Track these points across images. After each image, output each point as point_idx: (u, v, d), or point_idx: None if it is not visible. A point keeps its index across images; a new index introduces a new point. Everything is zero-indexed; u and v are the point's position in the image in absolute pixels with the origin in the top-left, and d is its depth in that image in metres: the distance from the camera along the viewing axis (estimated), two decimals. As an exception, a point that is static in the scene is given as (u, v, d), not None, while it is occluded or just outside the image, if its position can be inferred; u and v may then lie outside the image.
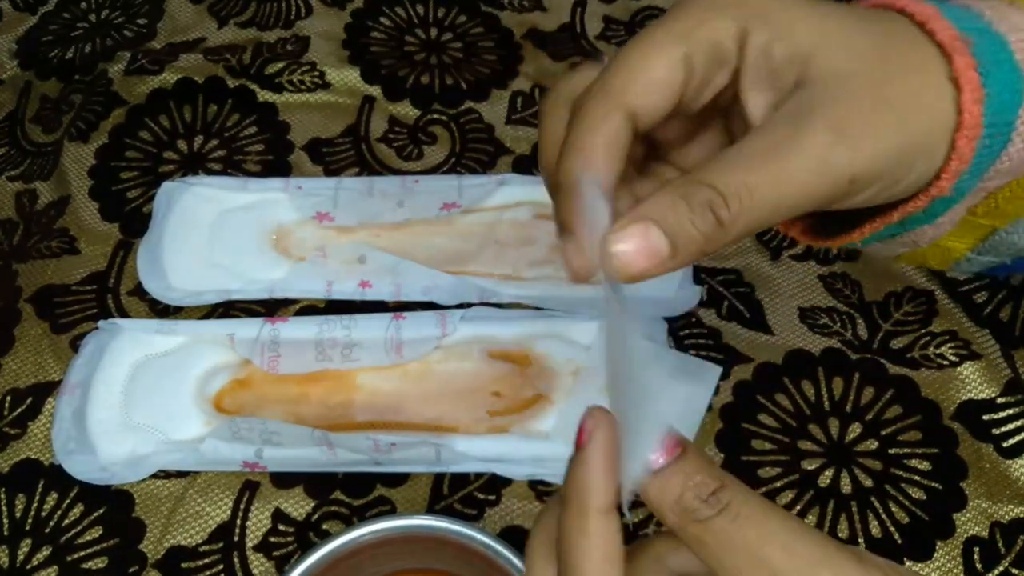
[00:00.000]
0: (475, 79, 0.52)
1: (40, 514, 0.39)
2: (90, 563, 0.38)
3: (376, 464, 0.39)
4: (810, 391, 0.42)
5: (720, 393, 0.41)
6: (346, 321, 0.43)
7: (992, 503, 0.38)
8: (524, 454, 0.39)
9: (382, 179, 0.48)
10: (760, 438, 0.40)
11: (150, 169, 0.49)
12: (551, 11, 0.56)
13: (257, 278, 0.45)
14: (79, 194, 0.49)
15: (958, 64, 0.22)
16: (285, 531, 0.39)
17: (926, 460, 0.40)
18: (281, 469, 0.40)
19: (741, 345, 0.43)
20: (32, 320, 0.44)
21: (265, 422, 0.38)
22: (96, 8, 0.57)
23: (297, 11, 0.55)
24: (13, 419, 0.42)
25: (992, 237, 0.27)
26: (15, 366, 0.43)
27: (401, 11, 0.56)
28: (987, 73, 0.22)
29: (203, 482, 0.40)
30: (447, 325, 0.42)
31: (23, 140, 0.52)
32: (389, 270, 0.44)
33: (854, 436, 0.40)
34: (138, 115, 0.51)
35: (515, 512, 0.39)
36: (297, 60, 0.53)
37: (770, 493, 0.39)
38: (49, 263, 0.46)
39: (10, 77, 0.55)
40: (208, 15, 0.55)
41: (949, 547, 0.37)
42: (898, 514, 0.38)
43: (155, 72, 0.52)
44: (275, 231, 0.46)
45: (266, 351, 0.42)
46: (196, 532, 0.39)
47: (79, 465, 0.39)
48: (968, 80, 0.22)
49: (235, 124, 0.51)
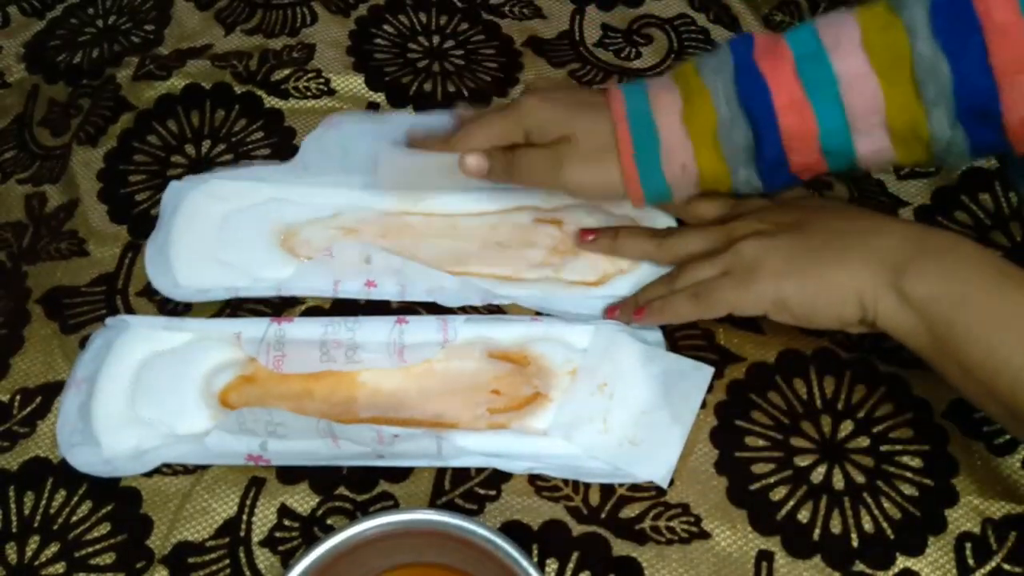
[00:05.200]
0: (476, 86, 0.53)
1: (48, 511, 0.40)
2: (98, 559, 0.39)
3: (379, 457, 0.40)
4: (802, 389, 0.42)
5: (714, 391, 0.42)
6: (351, 323, 0.43)
7: (983, 499, 0.39)
8: (523, 449, 0.40)
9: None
10: (753, 435, 0.41)
11: (158, 173, 0.50)
12: (551, 19, 0.57)
13: (265, 276, 0.45)
14: (88, 197, 0.49)
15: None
16: (290, 526, 0.39)
17: (918, 457, 0.40)
18: (284, 463, 0.40)
19: (734, 345, 0.44)
20: (42, 321, 0.45)
21: (271, 412, 0.38)
22: (104, 14, 0.58)
23: (303, 19, 0.56)
24: (22, 418, 0.42)
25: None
26: (25, 366, 0.44)
27: (404, 19, 0.57)
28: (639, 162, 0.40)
29: (210, 478, 0.40)
30: (448, 331, 0.43)
31: (32, 143, 0.53)
32: (395, 271, 0.45)
33: (846, 433, 0.41)
34: (147, 120, 0.52)
35: (515, 507, 0.40)
36: (303, 67, 0.54)
37: (764, 488, 0.40)
38: (58, 265, 0.47)
39: (17, 80, 0.55)
40: (215, 22, 0.56)
41: (941, 543, 0.38)
42: (890, 510, 0.39)
43: (163, 78, 0.53)
44: (282, 230, 0.47)
45: (271, 350, 0.43)
46: (203, 528, 0.39)
47: (83, 457, 0.40)
48: (628, 169, 0.40)
49: (242, 129, 0.52)
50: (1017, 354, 0.33)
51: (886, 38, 0.34)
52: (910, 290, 0.35)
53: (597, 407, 0.41)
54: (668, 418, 0.40)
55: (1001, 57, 0.32)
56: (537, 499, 0.40)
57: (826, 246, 0.38)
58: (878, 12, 0.35)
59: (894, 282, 0.35)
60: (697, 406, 0.41)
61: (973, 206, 0.48)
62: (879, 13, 0.35)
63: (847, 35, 0.35)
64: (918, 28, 0.34)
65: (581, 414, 0.41)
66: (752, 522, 0.39)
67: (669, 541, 0.38)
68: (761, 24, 0.56)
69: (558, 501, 0.40)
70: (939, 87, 0.34)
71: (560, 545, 0.38)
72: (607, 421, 0.41)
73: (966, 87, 0.34)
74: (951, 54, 0.33)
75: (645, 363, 0.42)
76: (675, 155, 0.39)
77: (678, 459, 0.40)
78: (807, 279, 0.37)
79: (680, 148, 0.39)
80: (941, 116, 0.34)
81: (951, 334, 0.34)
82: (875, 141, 0.36)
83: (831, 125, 0.36)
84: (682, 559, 0.38)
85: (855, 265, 0.36)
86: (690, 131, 0.39)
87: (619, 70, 0.55)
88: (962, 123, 0.34)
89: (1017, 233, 0.47)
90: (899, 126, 0.36)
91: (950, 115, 0.34)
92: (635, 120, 0.40)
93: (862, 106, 0.35)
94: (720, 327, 0.44)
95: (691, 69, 0.40)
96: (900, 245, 0.36)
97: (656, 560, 0.38)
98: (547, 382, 0.42)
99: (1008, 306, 0.33)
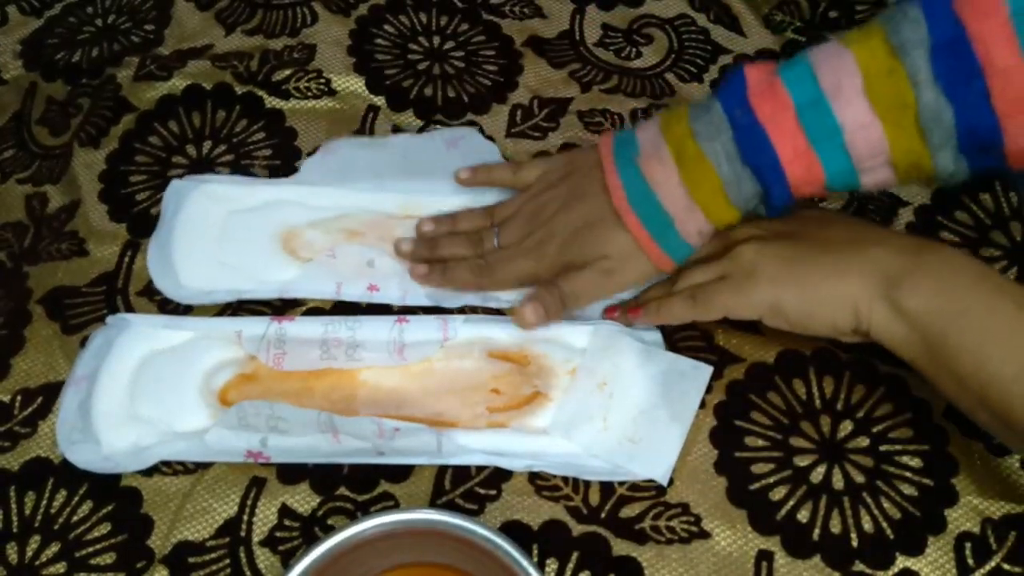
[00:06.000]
0: (476, 92, 0.53)
1: (49, 511, 0.40)
2: (98, 559, 0.39)
3: (379, 454, 0.40)
4: (801, 390, 0.42)
5: (713, 392, 0.42)
6: (351, 322, 0.44)
7: (983, 499, 0.39)
8: (523, 447, 0.40)
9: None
10: (753, 435, 0.41)
11: (159, 173, 0.50)
12: (551, 18, 0.57)
13: (268, 278, 0.45)
14: (89, 197, 0.49)
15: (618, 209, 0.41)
16: (291, 526, 0.39)
17: (917, 457, 0.40)
18: (284, 459, 0.40)
19: (733, 346, 0.44)
20: (43, 321, 0.45)
21: (272, 406, 0.39)
22: (103, 13, 0.58)
23: (303, 19, 0.56)
24: (23, 418, 0.42)
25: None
26: (26, 366, 0.44)
27: (404, 19, 0.57)
28: (639, 214, 0.40)
29: (210, 478, 0.40)
30: (448, 329, 0.43)
31: (31, 142, 0.53)
32: (397, 274, 0.45)
33: (845, 433, 0.41)
34: (148, 120, 0.52)
35: (515, 507, 0.40)
36: (304, 67, 0.54)
37: (764, 488, 0.40)
38: (59, 265, 0.47)
39: (14, 77, 0.55)
40: (215, 22, 0.56)
41: (941, 542, 0.38)
42: (890, 510, 0.39)
43: (164, 78, 0.53)
44: (284, 232, 0.47)
45: (272, 348, 0.43)
46: (203, 527, 0.39)
47: (82, 455, 0.40)
48: (650, 249, 0.41)
49: (243, 130, 0.52)
50: (1009, 365, 0.33)
51: (889, 86, 0.34)
52: (904, 301, 0.35)
53: (597, 405, 0.41)
54: (667, 417, 0.41)
55: (1004, 99, 0.33)
56: (537, 499, 0.40)
57: (823, 255, 0.38)
58: (877, 54, 0.34)
59: (888, 293, 0.36)
60: (696, 405, 0.41)
61: (973, 206, 0.48)
62: (878, 55, 0.34)
63: (848, 80, 0.35)
64: (920, 75, 0.33)
65: (581, 412, 0.41)
66: (752, 522, 0.39)
67: (669, 541, 0.39)
68: (761, 24, 0.56)
69: (558, 501, 0.40)
70: (944, 132, 0.34)
71: (560, 545, 0.39)
72: (607, 419, 0.41)
73: (969, 129, 0.34)
74: (954, 100, 0.33)
75: (644, 362, 0.42)
76: (688, 223, 0.40)
77: (677, 458, 0.40)
78: (803, 287, 0.38)
79: (690, 215, 0.39)
80: (946, 156, 0.35)
81: (944, 345, 0.35)
82: (879, 176, 0.37)
83: (837, 169, 0.36)
84: (682, 559, 0.38)
85: (851, 275, 0.37)
86: (695, 196, 0.39)
87: (619, 70, 0.55)
88: (965, 157, 0.35)
89: (1017, 233, 0.47)
90: (904, 164, 0.36)
91: (954, 153, 0.35)
92: (639, 203, 0.40)
93: (867, 150, 0.35)
94: (719, 328, 0.44)
95: (683, 127, 0.39)
96: (895, 257, 0.36)
97: (656, 560, 0.38)
98: (547, 382, 0.42)
99: (1001, 319, 0.34)
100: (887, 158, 0.36)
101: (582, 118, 0.52)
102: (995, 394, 0.33)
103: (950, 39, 0.33)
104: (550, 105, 0.53)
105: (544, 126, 0.52)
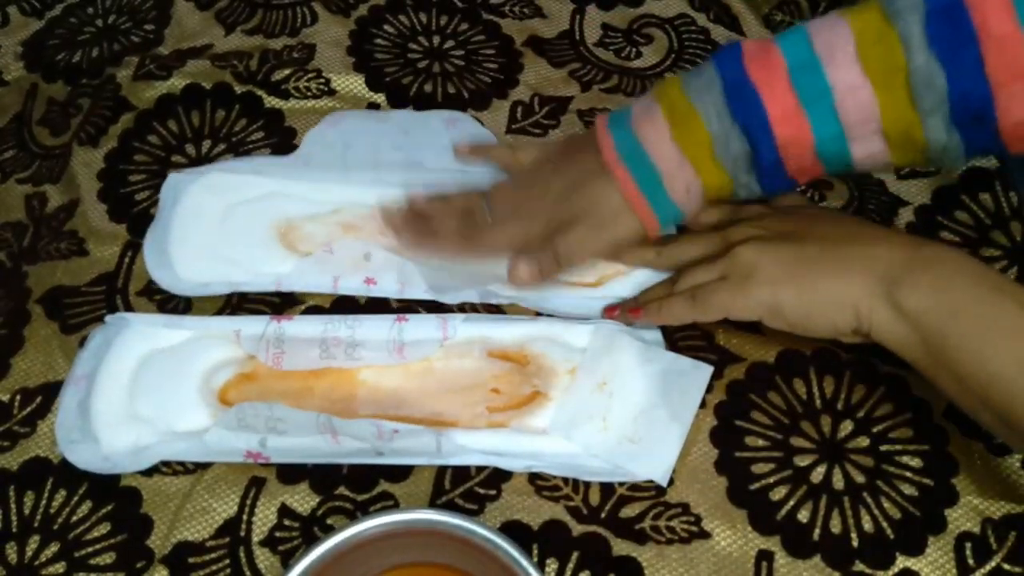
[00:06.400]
0: (476, 88, 0.53)
1: (49, 511, 0.40)
2: (98, 559, 0.39)
3: (378, 454, 0.40)
4: (802, 390, 0.42)
5: (713, 391, 0.42)
6: (350, 321, 0.44)
7: (983, 499, 0.39)
8: (522, 448, 0.40)
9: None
10: (753, 435, 0.41)
11: (159, 172, 0.50)
12: (551, 18, 0.57)
13: (264, 271, 0.45)
14: (88, 197, 0.49)
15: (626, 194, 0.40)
16: (291, 526, 0.39)
17: (917, 457, 0.40)
18: (284, 460, 0.40)
19: (733, 346, 0.44)
20: (42, 321, 0.45)
21: (271, 407, 0.39)
22: (103, 14, 0.58)
23: (303, 19, 0.56)
24: (22, 418, 0.42)
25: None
26: (25, 366, 0.44)
27: (404, 19, 0.57)
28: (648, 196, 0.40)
29: (210, 478, 0.40)
30: (448, 328, 0.43)
31: (31, 143, 0.53)
32: (394, 267, 0.45)
33: (846, 433, 0.41)
34: (147, 120, 0.52)
35: (515, 507, 0.40)
36: (303, 67, 0.54)
37: (764, 488, 0.40)
38: (58, 264, 0.47)
39: (15, 78, 0.55)
40: (215, 22, 0.56)
41: (941, 542, 0.38)
42: (890, 510, 0.39)
43: (163, 78, 0.53)
44: (282, 225, 0.47)
45: (271, 347, 0.43)
46: (203, 527, 0.39)
47: (82, 454, 0.40)
48: (638, 205, 0.40)
49: (242, 129, 0.52)
50: (1009, 365, 0.33)
51: (881, 49, 0.34)
52: (904, 301, 0.35)
53: (597, 405, 0.41)
54: (667, 416, 0.41)
55: (997, 67, 0.33)
56: (537, 499, 0.40)
57: (823, 255, 0.38)
58: (872, 20, 0.35)
59: (888, 293, 0.36)
60: (696, 404, 0.41)
61: (973, 206, 0.48)
62: (873, 21, 0.35)
63: (841, 44, 0.35)
64: (913, 39, 0.34)
65: (581, 412, 0.41)
66: (752, 522, 0.39)
67: (669, 541, 0.39)
68: (761, 24, 0.56)
69: (558, 501, 0.40)
70: (935, 97, 0.34)
71: (560, 545, 0.38)
72: (607, 419, 0.41)
73: (962, 96, 0.34)
74: (947, 65, 0.33)
75: (644, 362, 0.42)
76: (677, 179, 0.39)
77: (677, 458, 0.40)
78: (803, 287, 0.38)
79: (679, 171, 0.39)
80: (937, 123, 0.35)
81: (944, 345, 0.35)
82: (871, 146, 0.37)
83: (827, 133, 0.36)
84: (682, 559, 0.38)
85: (851, 275, 0.37)
86: (685, 152, 0.38)
87: (619, 70, 0.55)
88: (957, 128, 0.35)
89: (1017, 233, 0.47)
90: (895, 133, 0.36)
91: (946, 121, 0.34)
92: (629, 157, 0.39)
93: (857, 115, 0.36)
94: (720, 327, 0.44)
95: (676, 89, 0.39)
96: (895, 256, 0.36)
97: (656, 560, 0.38)
98: (547, 381, 0.42)
99: (1001, 318, 0.34)
100: (878, 126, 0.35)
101: (582, 117, 0.52)
102: (996, 394, 0.34)
103: (946, 5, 0.33)
104: (550, 103, 0.53)
105: (545, 123, 0.52)
